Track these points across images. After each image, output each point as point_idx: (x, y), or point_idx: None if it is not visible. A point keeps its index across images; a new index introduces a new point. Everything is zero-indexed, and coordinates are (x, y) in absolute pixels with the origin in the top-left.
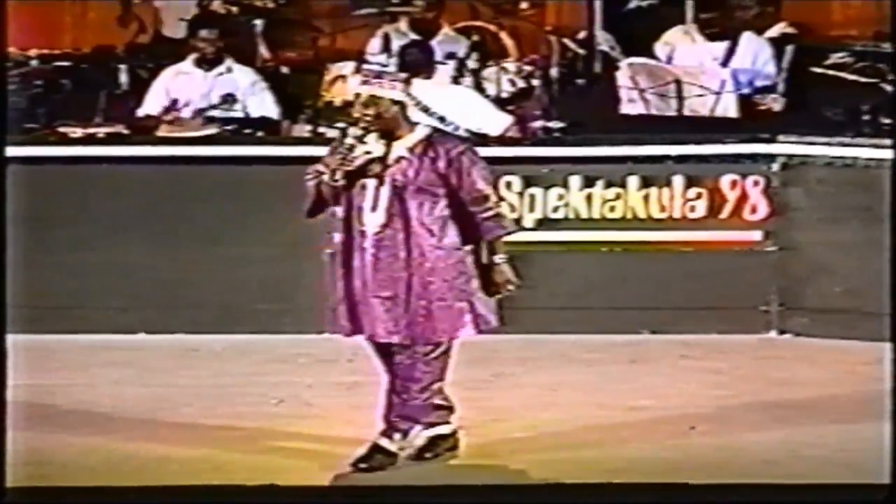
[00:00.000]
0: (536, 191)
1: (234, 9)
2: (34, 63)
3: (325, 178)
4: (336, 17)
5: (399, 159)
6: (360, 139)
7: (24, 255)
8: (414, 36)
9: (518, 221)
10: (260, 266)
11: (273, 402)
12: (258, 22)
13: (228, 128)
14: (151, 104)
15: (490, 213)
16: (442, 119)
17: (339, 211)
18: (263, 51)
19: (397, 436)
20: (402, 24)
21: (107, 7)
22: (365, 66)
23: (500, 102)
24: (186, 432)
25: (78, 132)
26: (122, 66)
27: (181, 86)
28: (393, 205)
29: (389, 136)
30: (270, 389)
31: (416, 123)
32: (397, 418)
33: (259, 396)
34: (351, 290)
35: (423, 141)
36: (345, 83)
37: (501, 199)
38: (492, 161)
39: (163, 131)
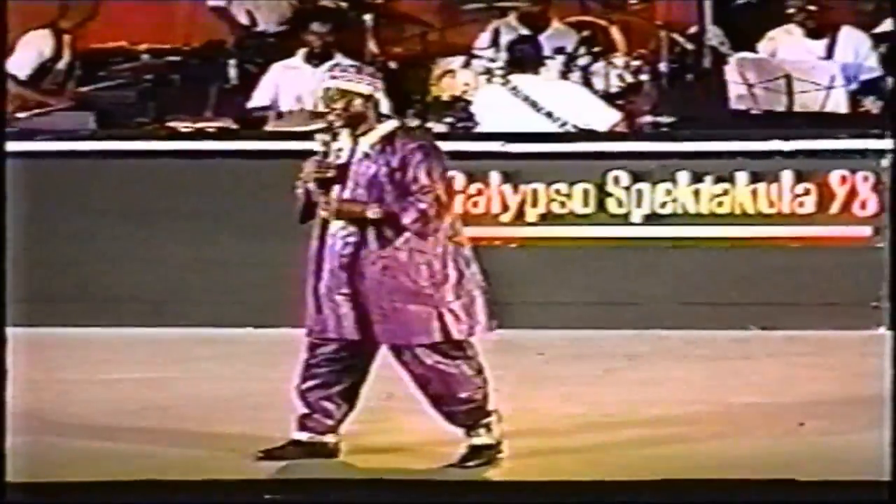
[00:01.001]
0: (644, 186)
1: (344, 4)
2: (145, 57)
3: (310, 186)
4: (445, 12)
5: (362, 155)
6: (330, 141)
7: (133, 249)
8: (523, 31)
9: (626, 217)
10: None
11: (382, 396)
12: (367, 17)
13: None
14: (260, 98)
15: (420, 200)
16: (549, 114)
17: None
18: (373, 46)
19: (482, 430)
20: (512, 19)
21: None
22: (333, 64)
23: (608, 97)
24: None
25: (188, 126)
26: (232, 61)
27: (290, 81)
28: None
29: (357, 131)
30: (380, 384)
31: (385, 119)
32: (469, 418)
33: (368, 391)
34: (317, 288)
35: (386, 137)
36: (454, 78)
37: (440, 196)
38: (599, 156)
39: (271, 126)
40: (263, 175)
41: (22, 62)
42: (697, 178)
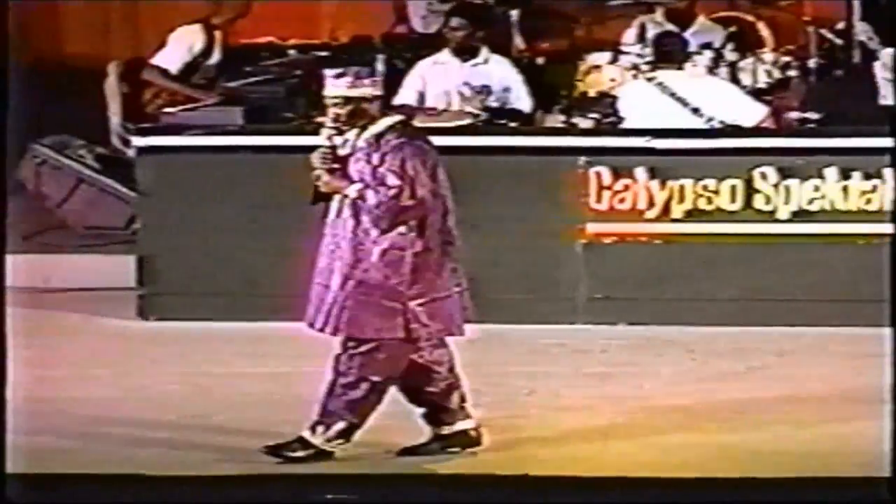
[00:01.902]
0: (792, 182)
1: (491, 0)
2: (292, 53)
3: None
4: (592, 8)
5: (358, 150)
6: (335, 135)
7: (279, 244)
8: (670, 26)
9: (773, 213)
10: (513, 256)
11: (524, 392)
12: (514, 13)
13: (483, 118)
14: (407, 94)
15: (385, 195)
16: (695, 110)
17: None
18: (519, 41)
19: (320, 429)
20: (658, 15)
21: None
22: (326, 70)
23: (756, 93)
24: None
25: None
26: (379, 56)
27: (437, 75)
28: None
29: (362, 127)
30: (521, 380)
31: (388, 114)
32: (326, 410)
33: (510, 387)
34: (313, 278)
35: (378, 134)
36: (600, 74)
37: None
38: (747, 152)
39: (418, 121)
40: None
41: (172, 57)
42: (846, 174)
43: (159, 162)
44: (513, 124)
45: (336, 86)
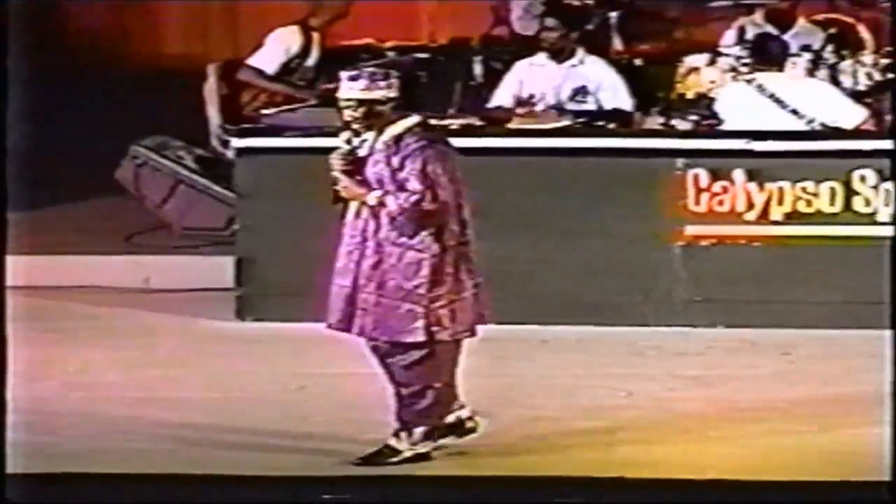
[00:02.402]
0: (892, 185)
1: (591, 1)
2: (391, 55)
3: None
4: (691, 10)
5: (376, 151)
6: (352, 137)
7: None
8: (770, 28)
9: (873, 216)
10: (611, 257)
11: (621, 394)
12: (613, 14)
13: (581, 120)
14: (503, 95)
15: (407, 200)
16: (795, 112)
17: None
18: (617, 43)
19: (403, 434)
20: (758, 16)
21: None
22: (342, 73)
23: (856, 95)
24: (530, 424)
25: (432, 123)
26: (477, 58)
27: (534, 77)
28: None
29: (380, 129)
30: (619, 382)
31: (406, 116)
32: (402, 419)
33: (607, 389)
34: (333, 279)
35: (398, 136)
36: (699, 76)
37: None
38: (846, 154)
39: (515, 123)
40: (509, 172)
41: (268, 57)
42: None
43: (258, 163)
44: (611, 125)
45: (351, 88)
